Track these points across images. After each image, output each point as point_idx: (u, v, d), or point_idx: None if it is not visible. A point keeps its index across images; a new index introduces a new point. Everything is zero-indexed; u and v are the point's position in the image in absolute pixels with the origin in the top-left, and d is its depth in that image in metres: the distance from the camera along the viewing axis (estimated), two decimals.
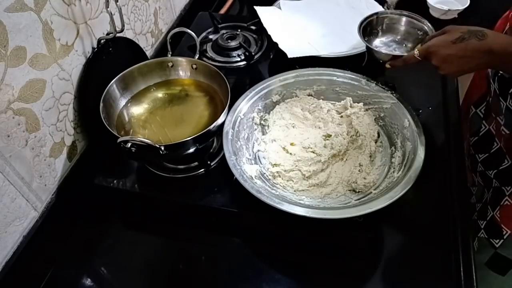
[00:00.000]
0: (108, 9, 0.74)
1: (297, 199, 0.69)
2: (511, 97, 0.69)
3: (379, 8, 1.04)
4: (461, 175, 0.77)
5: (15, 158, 0.62)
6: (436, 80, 0.92)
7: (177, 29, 0.84)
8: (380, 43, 0.92)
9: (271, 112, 0.84)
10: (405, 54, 0.79)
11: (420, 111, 0.83)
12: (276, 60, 0.99)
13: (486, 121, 0.81)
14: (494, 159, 0.78)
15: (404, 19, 0.89)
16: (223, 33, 1.05)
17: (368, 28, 0.90)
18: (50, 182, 0.72)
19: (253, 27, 1.08)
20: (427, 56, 0.69)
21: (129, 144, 0.65)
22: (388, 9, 1.02)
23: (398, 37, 0.91)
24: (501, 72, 0.72)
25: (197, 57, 0.83)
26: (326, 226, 0.67)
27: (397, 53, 0.87)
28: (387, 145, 0.78)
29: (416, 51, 0.71)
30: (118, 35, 0.78)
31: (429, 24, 0.85)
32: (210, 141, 0.81)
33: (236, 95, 0.79)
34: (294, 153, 0.77)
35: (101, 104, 0.72)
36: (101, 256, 0.74)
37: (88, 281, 0.70)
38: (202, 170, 0.77)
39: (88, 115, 0.77)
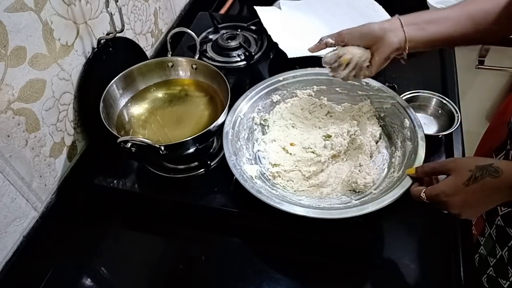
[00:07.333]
0: (108, 9, 0.74)
1: (297, 199, 0.69)
2: None
3: (378, 8, 1.03)
4: None
5: (15, 158, 0.62)
6: (437, 81, 0.92)
7: (177, 29, 0.84)
8: None
9: (271, 112, 0.84)
10: None
11: None
12: (276, 60, 0.99)
13: None
14: None
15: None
16: (223, 33, 1.05)
17: None
18: (50, 182, 0.72)
19: (253, 27, 1.08)
20: (439, 205, 0.58)
21: (129, 144, 0.65)
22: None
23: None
24: None
25: (197, 57, 0.83)
26: (326, 226, 0.67)
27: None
28: (387, 145, 0.78)
29: (423, 195, 0.59)
30: (118, 35, 0.78)
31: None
32: (210, 141, 0.81)
33: (236, 95, 0.79)
34: (294, 153, 0.77)
35: (101, 104, 0.72)
36: (101, 256, 0.74)
37: (88, 281, 0.70)
38: (202, 170, 0.77)
39: (88, 115, 0.77)
